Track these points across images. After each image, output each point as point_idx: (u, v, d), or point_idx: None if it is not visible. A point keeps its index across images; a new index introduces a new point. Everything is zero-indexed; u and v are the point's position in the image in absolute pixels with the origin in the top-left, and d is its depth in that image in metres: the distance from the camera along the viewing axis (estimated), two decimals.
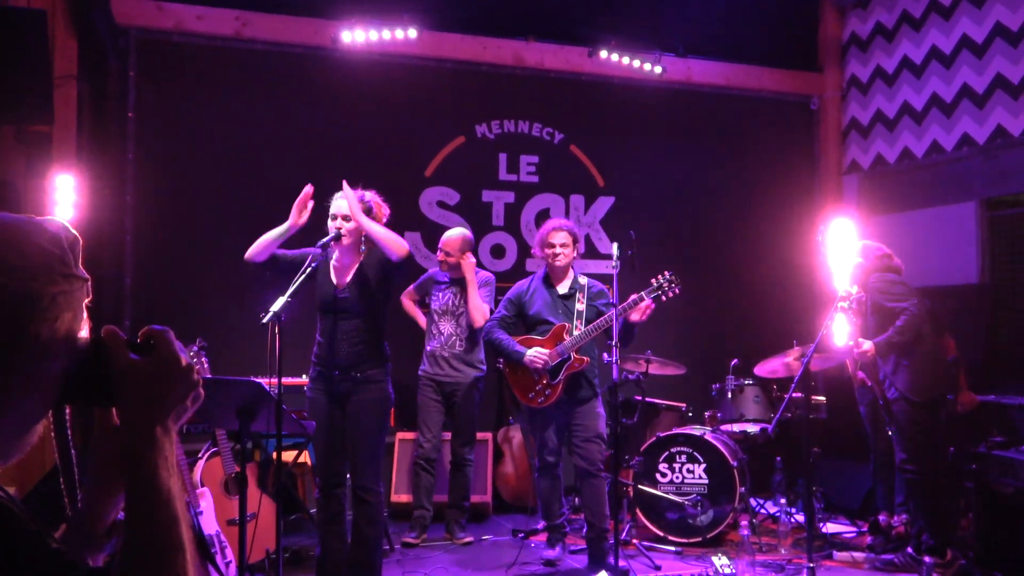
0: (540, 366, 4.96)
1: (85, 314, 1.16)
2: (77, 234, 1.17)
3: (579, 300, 5.12)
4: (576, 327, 5.04)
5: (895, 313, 5.20)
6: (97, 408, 1.25)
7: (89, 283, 1.16)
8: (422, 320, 6.05)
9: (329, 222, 4.39)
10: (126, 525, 1.13)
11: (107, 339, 1.16)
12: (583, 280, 5.23)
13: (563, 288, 5.20)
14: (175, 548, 1.11)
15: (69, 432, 1.21)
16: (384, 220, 4.55)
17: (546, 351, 4.98)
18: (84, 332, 1.15)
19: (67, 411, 1.20)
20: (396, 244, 4.26)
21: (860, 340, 5.24)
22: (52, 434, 1.19)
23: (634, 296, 4.87)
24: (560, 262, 5.14)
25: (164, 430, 1.16)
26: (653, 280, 4.93)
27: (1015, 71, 6.36)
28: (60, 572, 1.00)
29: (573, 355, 4.99)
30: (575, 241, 5.22)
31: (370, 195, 4.52)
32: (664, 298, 4.92)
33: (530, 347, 5.03)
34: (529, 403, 5.12)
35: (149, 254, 6.23)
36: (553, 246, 5.14)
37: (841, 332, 5.69)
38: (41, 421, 1.15)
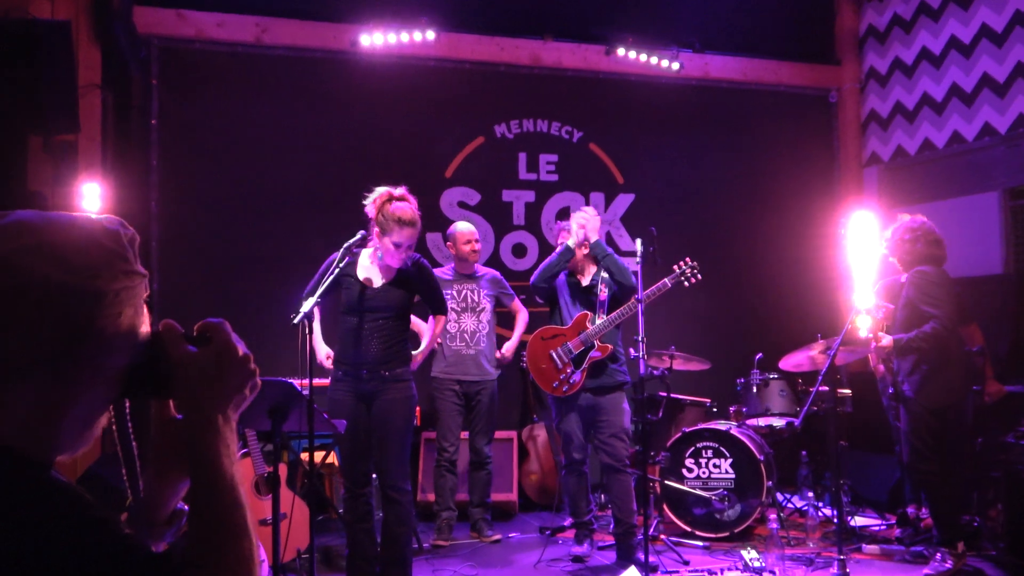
0: (582, 231, 5.12)
1: (145, 309, 1.19)
2: (134, 231, 1.20)
3: (601, 291, 5.20)
4: (599, 316, 5.13)
5: (925, 317, 5.09)
6: (155, 400, 1.28)
7: (147, 279, 1.20)
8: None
9: (392, 247, 4.33)
10: (191, 511, 1.16)
11: (165, 332, 1.20)
12: (605, 273, 5.29)
13: (586, 280, 5.30)
14: (239, 532, 1.15)
15: (130, 425, 1.25)
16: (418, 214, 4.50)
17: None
18: (145, 326, 1.19)
19: (127, 404, 1.24)
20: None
21: (880, 334, 5.17)
22: (113, 426, 1.23)
23: (659, 284, 5.04)
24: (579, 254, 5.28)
25: (224, 419, 1.20)
26: (675, 267, 5.13)
27: None
28: (129, 555, 1.03)
29: (596, 343, 5.08)
30: None
31: (400, 191, 4.47)
32: (687, 283, 5.12)
33: (552, 335, 5.18)
34: (553, 392, 5.20)
35: (175, 260, 6.30)
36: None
37: (864, 324, 5.67)
38: (104, 414, 1.19)
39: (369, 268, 4.48)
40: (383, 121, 6.82)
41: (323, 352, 4.60)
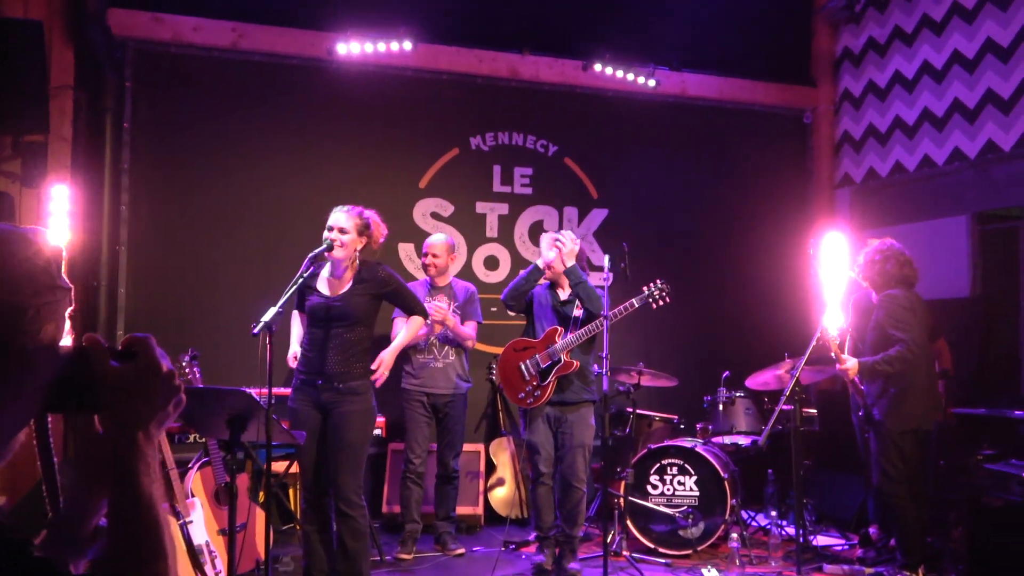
0: (552, 254, 5.16)
1: (68, 323, 1.18)
2: (59, 244, 1.19)
3: (577, 307, 5.24)
4: (570, 332, 5.19)
5: (892, 340, 5.14)
6: (80, 415, 1.27)
7: (72, 293, 1.18)
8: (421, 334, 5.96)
9: (325, 232, 4.42)
10: (108, 529, 1.15)
11: (89, 347, 1.19)
12: None
13: (564, 295, 5.35)
14: (157, 552, 1.13)
15: (51, 440, 1.23)
16: (382, 239, 4.66)
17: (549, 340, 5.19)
18: (66, 341, 1.17)
19: (49, 419, 1.23)
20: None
21: (844, 357, 5.22)
22: (34, 442, 1.21)
23: (626, 303, 5.09)
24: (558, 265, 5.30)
25: (146, 436, 1.18)
26: (644, 288, 5.17)
27: (1006, 86, 6.40)
28: None
29: (564, 357, 5.13)
30: None
31: (369, 213, 4.59)
32: (655, 305, 5.17)
33: (523, 347, 5.24)
34: (519, 403, 5.27)
35: (143, 264, 6.25)
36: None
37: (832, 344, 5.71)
38: (24, 429, 1.17)
39: (330, 281, 4.48)
40: (358, 130, 6.81)
41: (292, 351, 4.65)
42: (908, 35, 7.27)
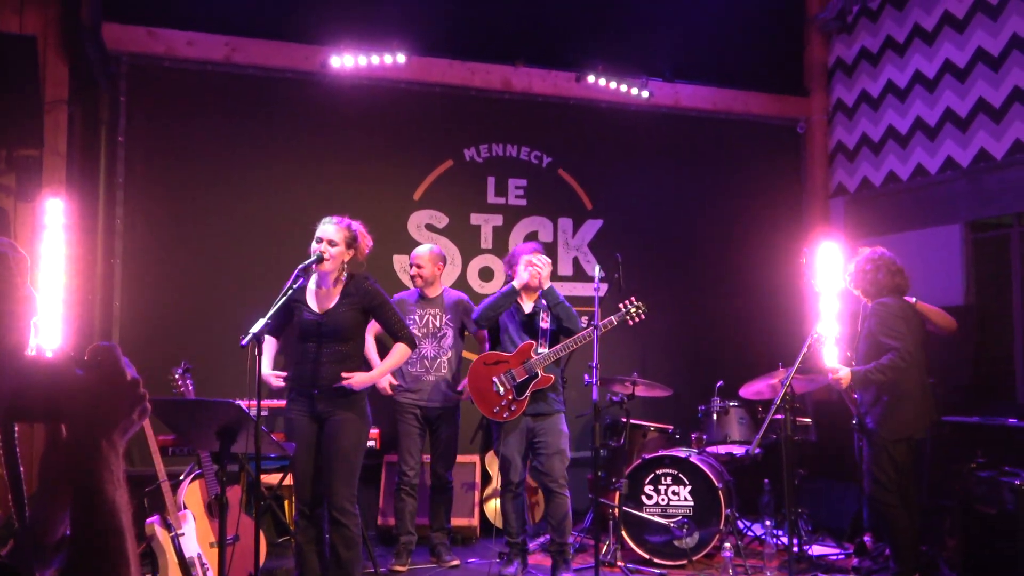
0: (527, 276, 5.25)
1: (32, 331, 1.19)
2: (24, 253, 1.20)
3: (543, 319, 5.32)
4: (541, 344, 5.26)
5: (884, 348, 5.16)
6: (45, 423, 1.27)
7: (35, 301, 1.19)
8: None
9: (314, 244, 4.45)
10: (71, 537, 1.15)
11: (54, 356, 1.19)
12: (544, 300, 5.43)
13: (528, 307, 5.42)
14: (119, 560, 1.14)
15: (17, 449, 1.24)
16: (367, 251, 4.68)
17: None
18: (31, 349, 1.18)
19: (15, 427, 1.23)
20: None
21: (835, 367, 5.24)
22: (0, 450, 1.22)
23: (606, 320, 5.14)
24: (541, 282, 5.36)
25: (110, 444, 1.19)
26: (621, 305, 5.25)
27: (996, 95, 6.43)
28: None
29: (540, 372, 5.18)
30: None
31: (356, 225, 4.63)
32: (631, 322, 5.24)
33: (494, 361, 5.27)
34: (494, 417, 5.31)
35: (138, 277, 6.26)
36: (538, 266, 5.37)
37: (829, 354, 5.73)
38: None
39: (318, 293, 4.51)
40: (352, 143, 6.83)
41: (267, 373, 4.64)
42: (900, 45, 7.30)
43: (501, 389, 5.24)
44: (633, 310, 5.22)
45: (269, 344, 4.80)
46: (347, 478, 4.37)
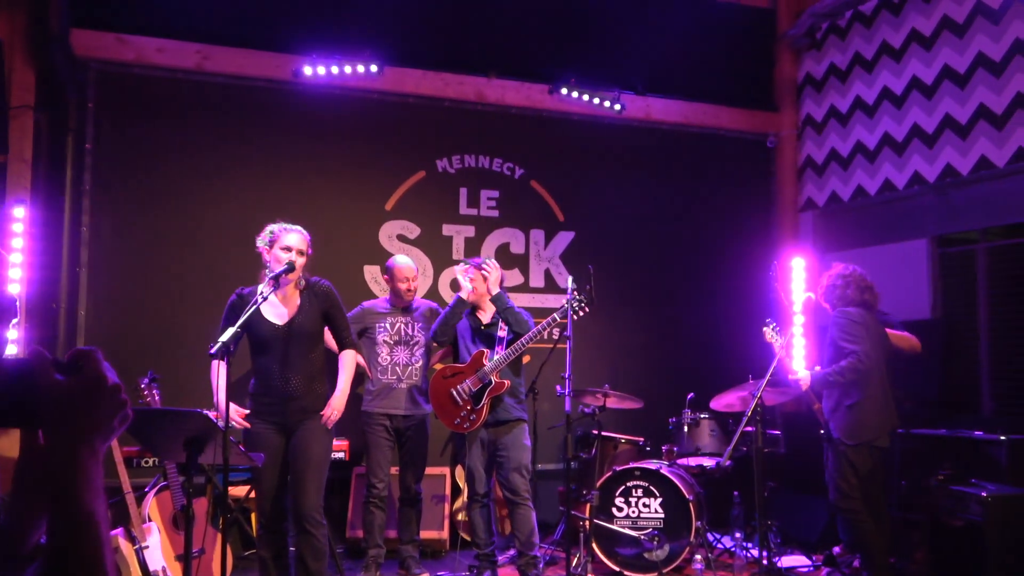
0: (471, 285, 5.34)
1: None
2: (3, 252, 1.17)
3: (501, 328, 5.38)
4: (496, 353, 5.30)
5: (844, 353, 5.24)
6: (22, 429, 1.24)
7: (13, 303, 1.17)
8: (361, 362, 5.80)
9: (282, 254, 4.40)
10: (48, 545, 1.12)
11: (33, 360, 1.16)
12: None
13: (486, 317, 5.49)
14: (96, 569, 1.11)
15: None
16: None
17: (470, 367, 5.28)
18: (11, 355, 1.15)
19: None
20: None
21: (795, 369, 5.32)
22: None
23: (548, 319, 5.21)
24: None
25: (90, 451, 1.16)
26: (562, 303, 5.17)
27: (963, 112, 6.53)
28: None
29: (494, 379, 5.23)
30: None
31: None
32: (576, 316, 5.18)
33: (452, 374, 5.33)
34: (456, 428, 5.38)
35: (104, 286, 6.17)
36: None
37: (800, 365, 5.78)
38: None
39: (277, 306, 4.46)
40: (324, 152, 6.79)
41: (222, 404, 4.40)
42: (868, 62, 7.40)
43: (459, 400, 5.30)
44: (576, 304, 5.13)
45: (219, 370, 4.59)
46: (316, 488, 4.35)
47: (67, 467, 1.13)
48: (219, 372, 4.27)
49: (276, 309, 4.44)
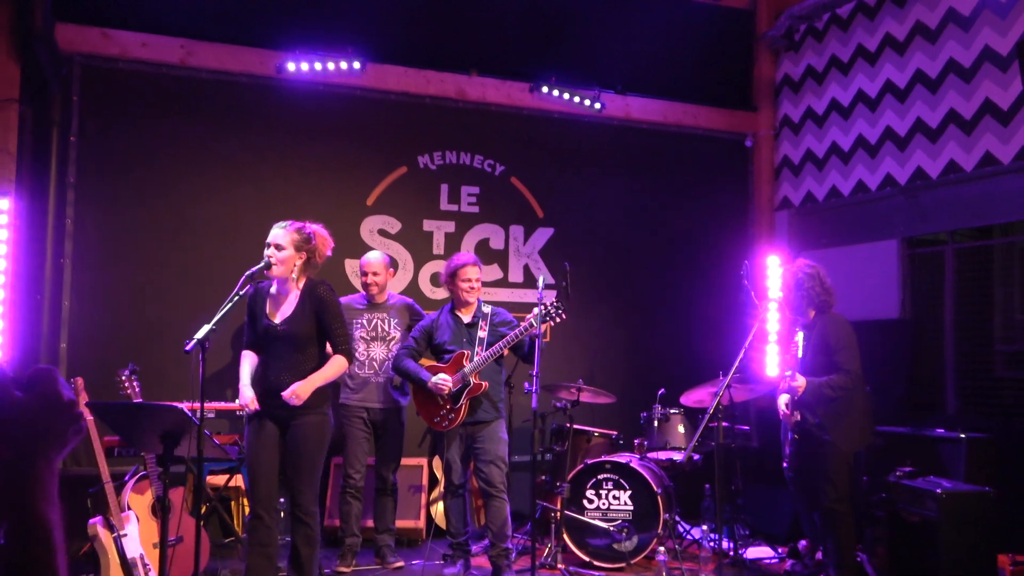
0: (444, 392, 5.34)
1: None
2: None
3: (481, 327, 5.49)
4: (477, 353, 5.41)
5: (835, 365, 5.27)
6: None
7: None
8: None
9: (265, 250, 4.47)
10: (5, 554, 1.22)
11: None
12: (487, 308, 5.63)
13: (467, 317, 5.58)
14: (48, 572, 1.21)
15: None
16: (328, 253, 4.71)
17: (449, 377, 5.34)
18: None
19: None
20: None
21: (795, 374, 5.29)
22: None
23: (524, 323, 5.31)
24: (474, 296, 5.57)
25: (46, 462, 1.26)
26: (539, 307, 5.22)
27: (933, 116, 6.67)
28: None
29: (473, 380, 5.35)
30: None
31: (311, 228, 4.62)
32: (552, 322, 5.33)
33: (435, 374, 5.38)
34: (435, 427, 5.49)
35: (87, 278, 6.27)
36: (470, 280, 5.54)
37: (773, 362, 5.87)
38: None
39: (276, 300, 4.55)
40: (306, 148, 6.89)
41: (248, 396, 4.50)
42: (844, 64, 7.53)
43: (439, 400, 5.40)
44: (552, 310, 5.28)
45: (247, 359, 4.65)
46: (311, 480, 4.46)
47: (24, 479, 1.22)
48: (243, 362, 4.61)
49: (277, 307, 4.52)
